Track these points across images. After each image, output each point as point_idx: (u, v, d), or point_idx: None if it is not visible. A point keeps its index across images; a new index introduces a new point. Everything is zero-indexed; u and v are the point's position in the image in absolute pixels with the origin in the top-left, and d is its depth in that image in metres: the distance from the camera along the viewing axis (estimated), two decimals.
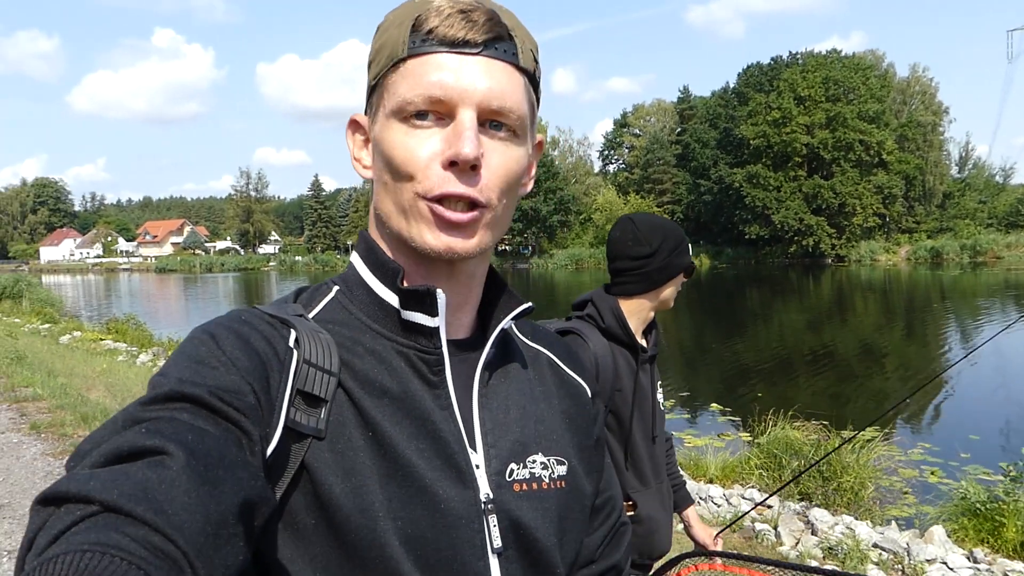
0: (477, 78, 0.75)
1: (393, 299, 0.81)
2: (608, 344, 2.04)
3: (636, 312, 2.11)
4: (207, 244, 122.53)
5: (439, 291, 0.78)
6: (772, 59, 66.18)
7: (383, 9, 0.85)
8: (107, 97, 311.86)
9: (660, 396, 2.22)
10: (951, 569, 4.96)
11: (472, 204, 0.77)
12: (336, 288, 0.86)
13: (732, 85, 70.25)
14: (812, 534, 5.63)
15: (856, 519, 5.92)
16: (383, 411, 0.76)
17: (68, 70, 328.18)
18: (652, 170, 75.64)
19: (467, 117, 0.75)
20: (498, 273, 0.90)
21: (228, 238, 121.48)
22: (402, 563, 0.72)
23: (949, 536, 5.53)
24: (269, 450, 0.67)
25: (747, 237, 63.39)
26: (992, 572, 4.94)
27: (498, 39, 0.77)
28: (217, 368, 0.67)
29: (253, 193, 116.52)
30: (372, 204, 0.86)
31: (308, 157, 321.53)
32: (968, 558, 5.18)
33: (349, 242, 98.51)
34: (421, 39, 0.76)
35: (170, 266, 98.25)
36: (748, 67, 67.82)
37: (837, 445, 5.98)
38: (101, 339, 16.96)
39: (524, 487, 0.82)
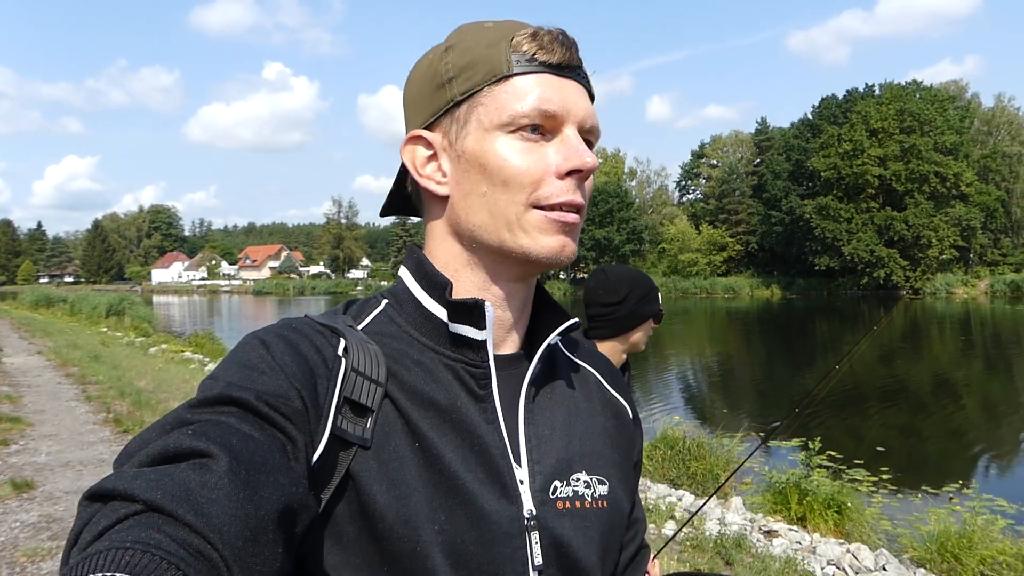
0: (579, 99, 0.80)
1: (441, 312, 0.81)
2: None
3: (609, 354, 2.19)
4: (301, 268, 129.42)
5: (487, 304, 0.78)
6: (847, 91, 66.32)
7: None
8: (219, 127, 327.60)
9: None
10: (725, 524, 6.62)
11: (577, 211, 0.81)
12: (385, 302, 0.86)
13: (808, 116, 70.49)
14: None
15: (688, 493, 7.59)
16: (429, 422, 0.76)
17: (185, 102, 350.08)
18: (727, 201, 76.40)
19: (573, 133, 0.79)
20: (545, 289, 0.91)
21: (321, 263, 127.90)
22: (442, 575, 0.71)
23: (746, 505, 7.18)
24: (315, 457, 0.67)
25: (818, 268, 63.23)
26: (754, 524, 6.59)
27: (581, 66, 0.83)
28: (266, 373, 0.67)
29: (344, 220, 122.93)
30: (438, 220, 0.85)
31: None
32: (750, 521, 6.82)
33: None
34: (527, 59, 0.78)
35: (266, 289, 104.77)
36: (824, 99, 68.01)
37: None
38: (183, 351, 19.75)
39: (567, 505, 0.81)
